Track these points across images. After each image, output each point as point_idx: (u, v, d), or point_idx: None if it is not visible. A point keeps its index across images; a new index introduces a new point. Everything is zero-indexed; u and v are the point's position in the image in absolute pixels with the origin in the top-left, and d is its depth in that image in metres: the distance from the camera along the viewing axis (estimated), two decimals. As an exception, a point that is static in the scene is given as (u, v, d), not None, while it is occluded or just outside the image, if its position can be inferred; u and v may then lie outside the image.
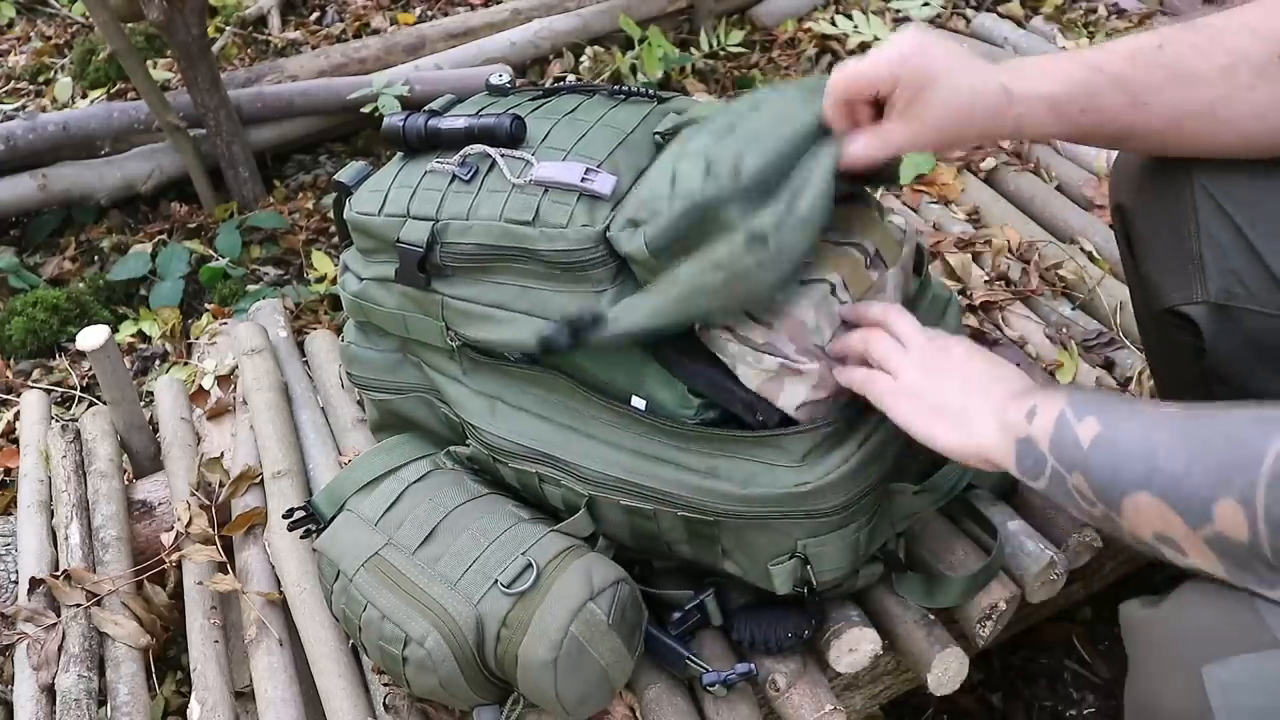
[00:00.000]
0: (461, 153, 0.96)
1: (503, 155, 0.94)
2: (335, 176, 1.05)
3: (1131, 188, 0.92)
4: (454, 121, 0.98)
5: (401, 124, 1.00)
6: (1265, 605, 0.61)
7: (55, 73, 2.65)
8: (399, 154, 1.03)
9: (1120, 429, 0.68)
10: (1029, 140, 0.82)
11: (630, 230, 0.86)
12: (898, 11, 2.38)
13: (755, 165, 0.82)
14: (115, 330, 1.89)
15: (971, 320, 1.40)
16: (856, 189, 0.95)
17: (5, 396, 1.80)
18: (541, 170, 0.91)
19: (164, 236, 2.11)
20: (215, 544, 1.23)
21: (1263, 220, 0.81)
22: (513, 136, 0.95)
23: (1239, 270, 0.81)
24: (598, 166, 0.90)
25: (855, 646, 1.01)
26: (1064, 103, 0.79)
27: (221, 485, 1.30)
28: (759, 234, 0.81)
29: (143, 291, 2.00)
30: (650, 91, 1.01)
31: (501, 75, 1.05)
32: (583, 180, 0.89)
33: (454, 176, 0.95)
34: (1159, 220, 0.87)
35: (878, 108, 0.84)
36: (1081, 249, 1.50)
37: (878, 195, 1.06)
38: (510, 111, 0.97)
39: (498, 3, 2.56)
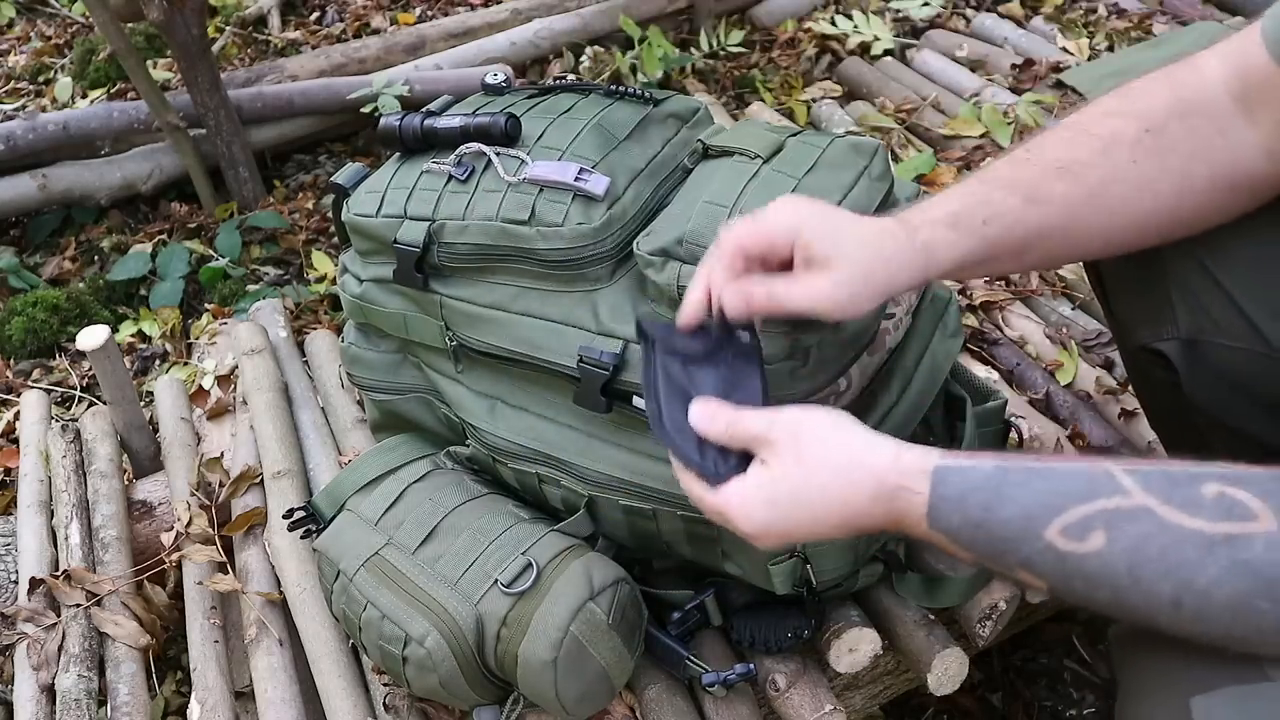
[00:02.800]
0: (457, 152, 0.96)
1: (498, 154, 0.94)
2: (332, 178, 1.04)
3: None
4: (450, 121, 0.98)
5: (398, 124, 1.00)
6: None
7: (55, 73, 2.65)
8: (396, 155, 1.03)
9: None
10: (943, 275, 0.80)
11: (662, 260, 0.86)
12: (898, 11, 2.38)
13: None
14: (115, 330, 1.88)
15: (971, 320, 1.40)
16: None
17: (5, 396, 1.80)
18: (536, 169, 0.91)
19: (164, 236, 2.11)
20: (215, 544, 1.23)
21: (1228, 256, 0.81)
22: (508, 135, 0.95)
23: (1207, 306, 0.82)
24: (591, 167, 0.91)
25: (855, 646, 1.01)
26: (965, 215, 0.78)
27: (221, 485, 1.30)
28: (802, 345, 0.83)
29: (143, 291, 2.00)
30: (646, 93, 1.01)
31: (497, 74, 1.05)
32: (576, 180, 0.89)
33: (450, 176, 0.95)
34: (1128, 260, 0.87)
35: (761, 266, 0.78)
36: (1081, 249, 1.50)
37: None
38: (505, 110, 0.97)
39: (498, 3, 2.56)
